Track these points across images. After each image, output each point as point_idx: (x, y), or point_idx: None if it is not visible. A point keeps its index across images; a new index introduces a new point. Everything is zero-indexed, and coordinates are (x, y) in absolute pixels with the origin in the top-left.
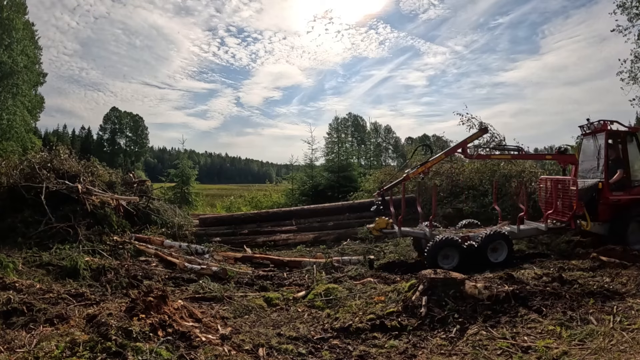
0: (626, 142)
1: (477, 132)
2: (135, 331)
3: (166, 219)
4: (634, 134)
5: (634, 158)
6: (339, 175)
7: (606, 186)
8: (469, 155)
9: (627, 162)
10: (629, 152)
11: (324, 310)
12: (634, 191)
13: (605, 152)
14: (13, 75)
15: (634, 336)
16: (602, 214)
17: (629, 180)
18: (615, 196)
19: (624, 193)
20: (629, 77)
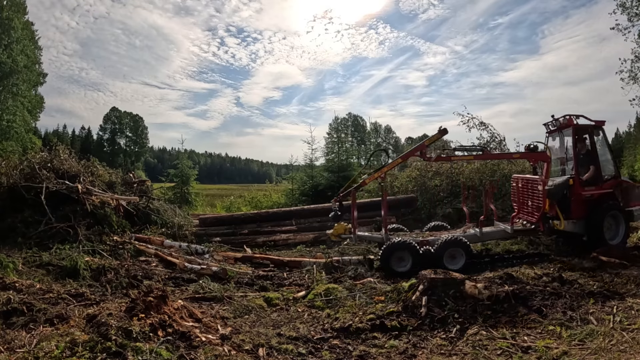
0: (593, 137)
1: (436, 134)
2: (135, 331)
3: (166, 219)
4: (600, 127)
5: (603, 152)
6: (339, 175)
7: (577, 182)
8: (427, 157)
9: (597, 156)
10: (597, 147)
11: (324, 310)
12: (606, 185)
13: (574, 147)
14: (13, 75)
15: (634, 336)
16: (576, 211)
17: (600, 175)
18: (587, 191)
19: (596, 188)
20: (629, 76)
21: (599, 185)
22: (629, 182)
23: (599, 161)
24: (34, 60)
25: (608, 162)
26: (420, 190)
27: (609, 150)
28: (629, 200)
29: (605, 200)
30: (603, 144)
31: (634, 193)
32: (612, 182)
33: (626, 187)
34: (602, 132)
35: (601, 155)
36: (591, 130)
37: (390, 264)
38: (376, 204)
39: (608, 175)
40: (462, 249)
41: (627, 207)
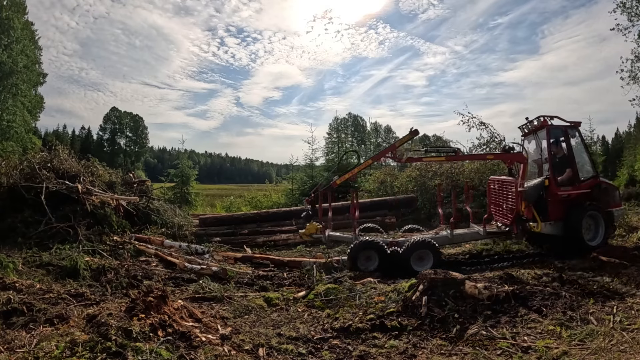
0: (569, 137)
1: (407, 135)
2: (135, 331)
3: (166, 219)
4: (576, 128)
5: (579, 153)
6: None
7: (553, 182)
8: (398, 159)
9: (573, 157)
10: (573, 148)
11: (324, 310)
12: (583, 185)
13: (548, 148)
14: (13, 75)
15: (634, 336)
16: (553, 213)
17: (576, 176)
18: (564, 192)
19: (573, 188)
20: (629, 76)
21: (575, 185)
22: (608, 183)
23: (575, 162)
24: (34, 60)
25: (585, 162)
26: (420, 190)
27: (586, 150)
28: (609, 201)
29: (583, 200)
30: (580, 144)
31: (612, 194)
32: (590, 182)
33: (605, 188)
34: (579, 132)
35: (578, 156)
36: (566, 131)
37: (357, 263)
38: (376, 204)
39: (586, 176)
40: (430, 251)
41: (607, 207)
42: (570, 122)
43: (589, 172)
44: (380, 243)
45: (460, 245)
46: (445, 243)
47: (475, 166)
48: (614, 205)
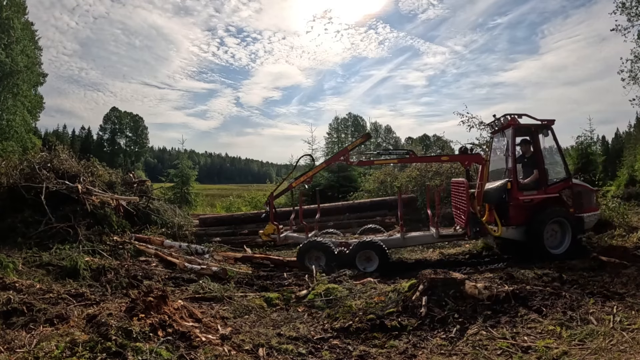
0: (537, 137)
1: (360, 138)
2: (135, 331)
3: (166, 219)
4: (549, 127)
5: (552, 153)
6: (339, 175)
7: (515, 186)
8: (350, 162)
9: (541, 158)
10: (543, 148)
11: (324, 310)
12: (551, 189)
13: (512, 148)
14: (13, 75)
15: (634, 336)
16: (515, 217)
17: (544, 178)
18: (526, 196)
19: (538, 192)
20: (629, 77)
21: (541, 189)
22: (584, 186)
23: (543, 163)
24: (34, 60)
25: (556, 164)
26: (420, 190)
27: (559, 151)
28: (583, 206)
29: (548, 205)
30: (552, 144)
31: (588, 198)
32: (560, 185)
33: (579, 192)
34: (551, 132)
35: (550, 157)
36: (535, 130)
37: (305, 262)
38: (376, 204)
39: (557, 178)
40: (376, 252)
41: (580, 212)
42: (542, 120)
43: (559, 174)
44: (327, 244)
45: (459, 245)
46: (397, 245)
47: (475, 166)
48: (589, 210)
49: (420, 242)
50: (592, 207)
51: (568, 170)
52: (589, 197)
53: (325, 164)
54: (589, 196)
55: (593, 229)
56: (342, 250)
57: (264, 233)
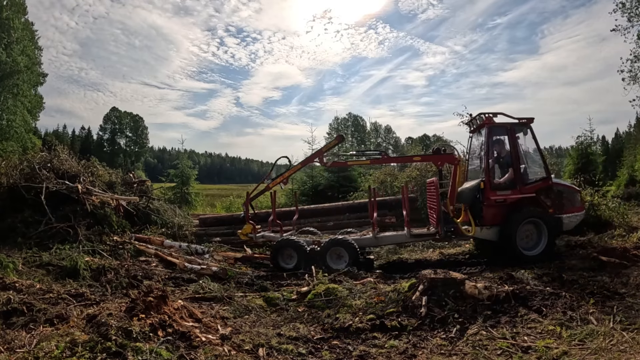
0: (514, 135)
1: (333, 140)
2: (135, 331)
3: (166, 219)
4: (527, 125)
5: (531, 153)
6: (338, 175)
7: (488, 186)
8: (324, 163)
9: (517, 157)
10: (520, 147)
11: (324, 310)
12: (527, 189)
13: (487, 148)
14: (13, 75)
15: (634, 336)
16: (488, 218)
17: (519, 178)
18: (499, 196)
19: (513, 192)
20: (629, 77)
21: (516, 189)
22: (565, 186)
23: (518, 162)
24: (34, 60)
25: (535, 163)
26: (420, 190)
27: (538, 150)
28: (563, 206)
29: (523, 205)
30: (531, 143)
31: (570, 197)
32: (538, 185)
33: (560, 192)
34: (531, 130)
35: (529, 156)
36: (511, 129)
37: (278, 260)
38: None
39: (535, 178)
40: (346, 250)
41: (561, 213)
42: (519, 118)
43: (536, 173)
44: (300, 242)
45: (459, 245)
46: (368, 244)
47: None
48: (571, 210)
49: (393, 242)
50: (575, 207)
51: (548, 169)
52: (571, 197)
53: (301, 165)
54: (571, 196)
55: (593, 229)
56: (314, 248)
57: (242, 232)
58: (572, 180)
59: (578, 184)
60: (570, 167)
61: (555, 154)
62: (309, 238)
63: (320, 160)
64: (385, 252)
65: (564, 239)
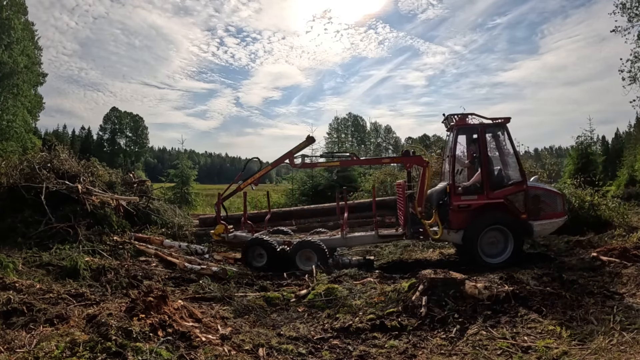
0: (485, 137)
1: (304, 141)
2: (135, 331)
3: (166, 219)
4: (503, 126)
5: (506, 155)
6: (339, 175)
7: (452, 190)
8: (295, 164)
9: (486, 161)
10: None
11: (324, 310)
12: (495, 194)
13: (453, 150)
14: (13, 75)
15: (634, 336)
16: (454, 221)
17: (488, 182)
18: (463, 201)
19: (479, 197)
20: (629, 77)
21: (483, 194)
22: (545, 190)
23: (487, 166)
24: (34, 60)
25: (508, 165)
26: None
27: (514, 152)
28: (540, 211)
29: (489, 211)
30: (507, 145)
31: (549, 202)
32: (510, 189)
33: (536, 196)
34: (506, 131)
35: (504, 159)
36: (482, 131)
37: (248, 258)
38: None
39: (508, 182)
40: (315, 252)
41: (536, 218)
42: (494, 119)
43: (509, 177)
44: (270, 242)
45: None
46: (338, 245)
47: None
48: (549, 216)
49: (361, 242)
50: (554, 212)
51: (523, 173)
52: (551, 202)
53: (271, 166)
54: (551, 201)
55: (593, 229)
56: (284, 248)
57: (214, 233)
58: (572, 180)
59: (578, 184)
60: (570, 167)
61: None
62: (279, 238)
63: (290, 162)
64: (386, 252)
65: (564, 239)
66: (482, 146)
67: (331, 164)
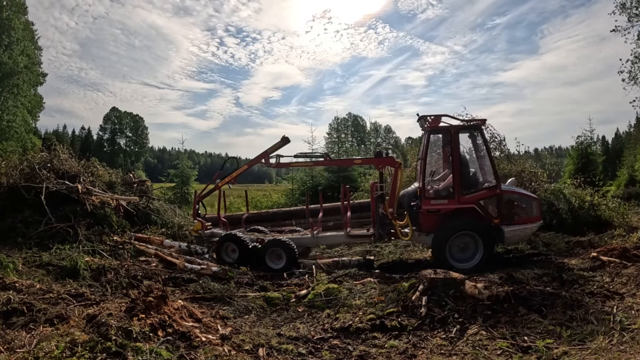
0: (457, 140)
1: (278, 142)
2: (135, 331)
3: (166, 219)
4: (477, 128)
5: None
6: (339, 175)
7: (422, 193)
8: (270, 164)
9: (458, 164)
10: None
11: (324, 310)
12: (465, 198)
13: (424, 153)
14: (13, 75)
15: (634, 336)
16: (424, 224)
17: (459, 186)
18: (432, 206)
19: (449, 201)
20: (629, 77)
21: (453, 198)
22: (520, 194)
23: (459, 170)
24: (34, 60)
25: (483, 169)
26: None
27: (488, 155)
28: (514, 216)
29: (458, 216)
30: (482, 148)
31: (525, 207)
32: (482, 194)
33: (511, 200)
34: (481, 133)
35: (480, 162)
36: (454, 133)
37: (221, 254)
38: None
39: (482, 186)
40: (284, 250)
41: (510, 223)
42: (468, 120)
43: (483, 180)
44: (242, 238)
45: None
46: (308, 244)
47: None
48: (524, 221)
49: (332, 242)
50: (529, 217)
51: (497, 177)
52: (526, 207)
53: (247, 166)
54: (526, 205)
55: (593, 229)
56: (256, 245)
57: (193, 229)
58: (572, 180)
59: (578, 184)
60: (570, 167)
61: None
62: (253, 236)
63: (266, 161)
64: (386, 252)
65: (564, 239)
66: (454, 149)
67: (305, 164)
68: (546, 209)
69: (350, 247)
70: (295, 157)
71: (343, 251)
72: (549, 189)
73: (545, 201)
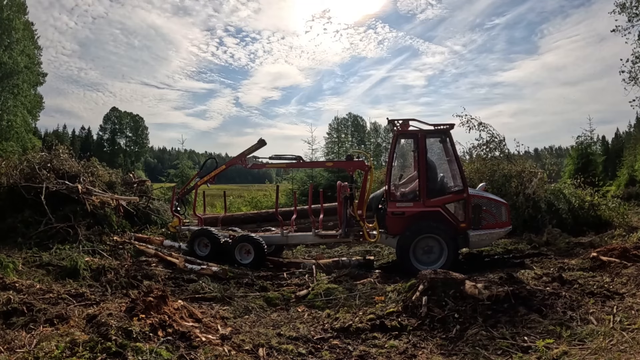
0: (424, 145)
1: (255, 144)
2: (135, 331)
3: (166, 219)
4: (445, 132)
5: (449, 163)
6: (338, 175)
7: (388, 196)
8: (247, 165)
9: (424, 168)
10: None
11: (324, 310)
12: (431, 202)
13: (390, 157)
14: (14, 75)
15: (634, 336)
16: (390, 227)
17: (425, 190)
18: (397, 209)
19: (415, 204)
20: (629, 77)
21: (419, 201)
22: (488, 199)
23: (424, 174)
24: (34, 60)
25: (451, 173)
26: None
27: (455, 159)
28: (482, 221)
29: (423, 219)
30: (449, 152)
31: (493, 212)
32: (448, 198)
33: (478, 205)
34: (449, 138)
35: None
36: (422, 136)
37: (194, 247)
38: None
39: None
40: (252, 246)
41: (477, 228)
42: (436, 125)
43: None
44: (214, 233)
45: None
46: (278, 242)
47: (475, 166)
48: (492, 226)
49: (301, 241)
50: (497, 222)
51: (464, 181)
52: (494, 211)
53: (225, 166)
54: (495, 210)
55: (593, 229)
56: (227, 240)
57: (171, 225)
58: (572, 180)
59: (578, 184)
60: (570, 167)
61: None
62: (227, 232)
63: (242, 163)
64: (386, 252)
65: (564, 239)
66: (421, 153)
67: (278, 165)
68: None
69: (350, 247)
70: (270, 159)
71: (343, 251)
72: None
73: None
